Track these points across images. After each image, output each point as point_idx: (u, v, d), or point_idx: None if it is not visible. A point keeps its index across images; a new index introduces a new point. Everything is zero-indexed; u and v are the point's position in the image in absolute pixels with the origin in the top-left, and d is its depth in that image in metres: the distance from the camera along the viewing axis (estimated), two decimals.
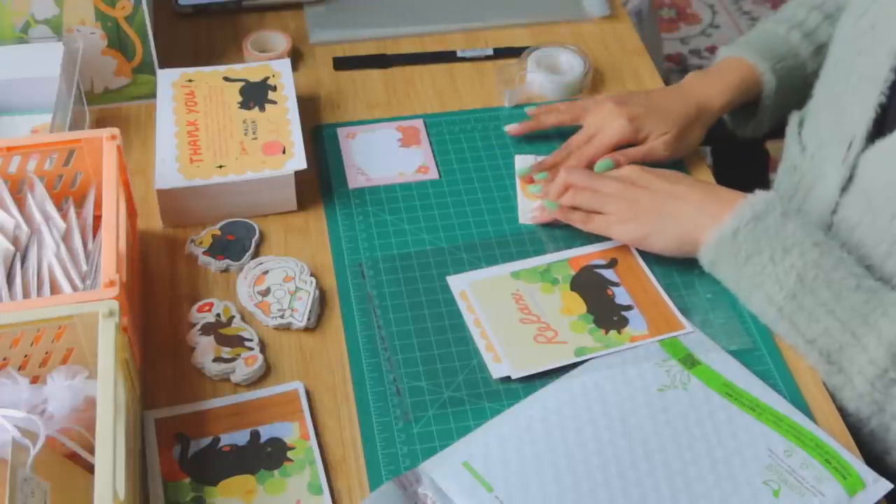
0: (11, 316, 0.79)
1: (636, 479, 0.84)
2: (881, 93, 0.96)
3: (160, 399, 0.91)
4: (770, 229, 0.94)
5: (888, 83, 0.95)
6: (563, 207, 1.04)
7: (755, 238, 0.94)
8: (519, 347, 0.94)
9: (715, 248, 0.96)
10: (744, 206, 0.95)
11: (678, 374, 0.91)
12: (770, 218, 0.94)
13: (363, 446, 0.88)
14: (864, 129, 0.97)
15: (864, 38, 0.99)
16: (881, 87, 0.95)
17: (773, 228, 0.94)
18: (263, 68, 1.17)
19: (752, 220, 0.94)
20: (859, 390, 0.90)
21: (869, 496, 0.83)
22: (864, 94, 0.97)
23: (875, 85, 0.96)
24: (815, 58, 1.16)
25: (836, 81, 1.04)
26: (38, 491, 0.72)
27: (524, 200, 1.09)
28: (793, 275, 0.92)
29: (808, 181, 1.06)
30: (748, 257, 0.94)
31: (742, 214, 0.95)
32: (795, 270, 0.92)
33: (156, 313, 0.98)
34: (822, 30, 1.16)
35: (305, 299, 0.98)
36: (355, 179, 1.12)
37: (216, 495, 0.84)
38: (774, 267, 0.93)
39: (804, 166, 1.08)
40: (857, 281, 0.91)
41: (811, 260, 0.92)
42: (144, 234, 1.05)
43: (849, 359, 0.90)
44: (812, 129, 1.09)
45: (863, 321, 0.89)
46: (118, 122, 1.17)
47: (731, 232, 0.95)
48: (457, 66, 1.28)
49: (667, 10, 2.81)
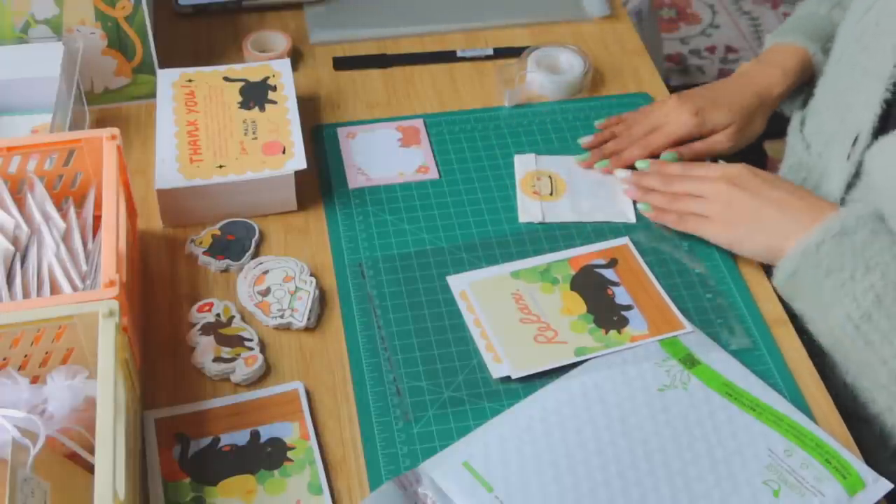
0: (11, 316, 0.79)
1: (636, 479, 0.84)
2: (886, 89, 0.96)
3: (160, 399, 0.91)
4: (856, 245, 0.92)
5: (893, 79, 0.95)
6: (658, 209, 1.05)
7: (839, 253, 0.92)
8: (519, 347, 0.94)
9: (798, 259, 0.94)
10: (833, 219, 0.93)
11: (678, 374, 0.91)
12: (858, 234, 0.92)
13: (363, 446, 0.88)
14: (870, 125, 0.97)
15: (868, 35, 0.99)
16: (886, 83, 0.96)
17: (859, 245, 0.92)
18: (263, 68, 1.17)
19: (839, 234, 0.92)
20: None
21: (869, 496, 0.83)
22: (869, 91, 0.97)
23: (880, 81, 0.96)
24: None
25: (840, 78, 1.04)
26: (38, 491, 0.72)
27: (524, 199, 1.10)
28: (871, 294, 0.90)
29: (815, 178, 1.06)
30: (829, 272, 0.92)
31: (830, 227, 0.93)
32: (874, 291, 0.90)
33: (156, 313, 0.98)
34: None
35: (305, 299, 0.98)
36: (355, 179, 1.12)
37: (216, 495, 0.84)
38: (854, 285, 0.91)
39: (809, 163, 1.08)
40: None
41: (892, 281, 0.90)
42: (144, 234, 1.05)
43: None
44: (816, 126, 1.09)
45: None
46: (118, 122, 1.17)
47: (815, 244, 0.93)
48: (457, 66, 1.28)
49: (667, 10, 2.81)
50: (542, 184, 1.11)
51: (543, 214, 1.08)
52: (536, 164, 1.13)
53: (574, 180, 1.12)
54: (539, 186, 1.11)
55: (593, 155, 1.13)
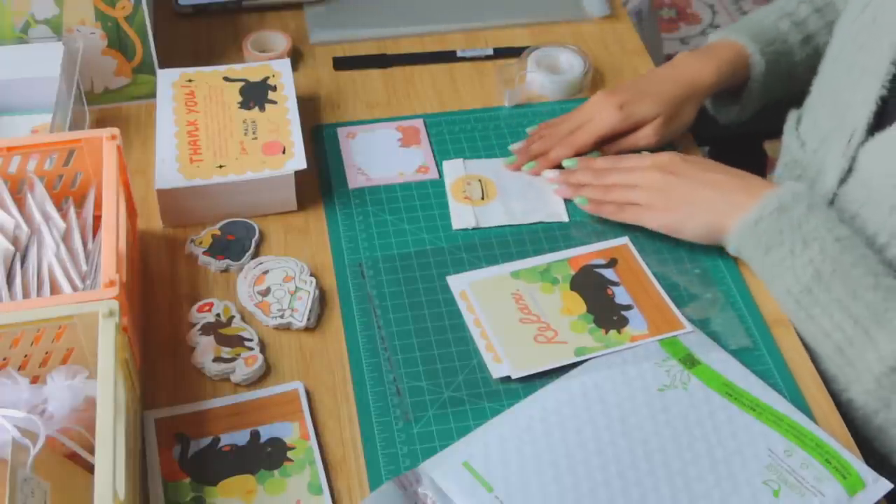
0: (11, 316, 0.79)
1: (636, 479, 0.84)
2: (882, 85, 0.96)
3: (160, 399, 0.91)
4: (794, 221, 0.94)
5: (889, 76, 0.96)
6: (594, 201, 1.06)
7: (777, 229, 0.95)
8: (519, 347, 0.94)
9: (738, 236, 0.97)
10: (770, 196, 0.96)
11: (678, 374, 0.91)
12: (795, 210, 0.94)
13: (363, 446, 0.88)
14: (865, 121, 0.97)
15: (865, 32, 1.00)
16: (882, 80, 0.96)
17: (796, 221, 0.94)
18: (263, 68, 1.17)
19: (776, 210, 0.95)
20: (867, 386, 0.90)
21: (869, 496, 0.83)
22: (866, 87, 0.97)
23: (876, 77, 0.96)
24: (804, 47, 1.17)
25: (836, 76, 1.05)
26: (38, 491, 0.72)
27: (456, 206, 1.09)
28: (810, 269, 0.93)
29: (810, 175, 1.07)
30: (769, 248, 0.95)
31: (767, 204, 0.95)
32: (813, 265, 0.92)
33: (156, 313, 0.98)
34: (811, 21, 1.17)
35: (305, 299, 0.98)
36: (355, 179, 1.12)
37: (216, 495, 0.84)
38: (794, 259, 0.94)
39: (805, 161, 1.08)
40: (876, 279, 0.91)
41: (831, 255, 0.92)
42: (144, 234, 1.05)
43: (859, 354, 0.90)
44: (811, 124, 1.09)
45: (876, 319, 0.90)
46: (118, 122, 1.17)
47: (753, 221, 0.96)
48: (457, 66, 1.28)
49: (667, 10, 2.81)
50: (473, 188, 1.10)
51: (477, 220, 1.07)
52: (465, 169, 1.13)
53: (504, 183, 1.11)
54: (469, 191, 1.10)
55: (520, 157, 1.13)
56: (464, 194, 1.10)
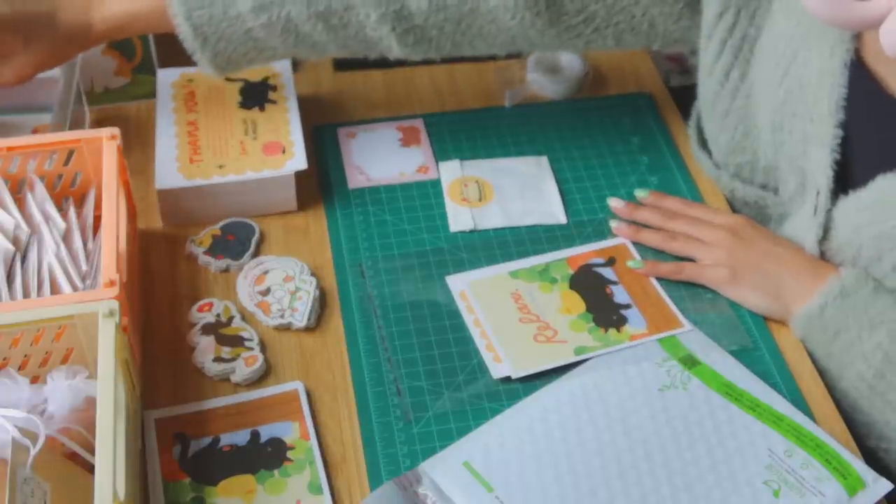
0: (11, 316, 0.79)
1: (636, 480, 0.84)
2: (832, 150, 0.92)
3: (160, 399, 0.91)
4: (858, 305, 0.91)
5: (838, 139, 0.92)
6: (651, 262, 1.02)
7: (843, 314, 0.92)
8: (519, 347, 0.94)
9: (804, 324, 0.94)
10: (833, 281, 0.93)
11: (678, 374, 0.91)
12: (860, 294, 0.91)
13: (363, 446, 0.88)
14: (826, 189, 0.94)
15: (794, 100, 0.95)
16: (831, 146, 0.92)
17: (861, 304, 0.91)
18: (263, 68, 1.17)
19: (839, 295, 0.92)
20: None
21: (869, 496, 0.83)
22: (817, 157, 0.94)
23: (824, 145, 0.93)
24: None
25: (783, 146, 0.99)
26: (38, 491, 0.72)
27: (454, 207, 1.08)
28: (879, 353, 0.90)
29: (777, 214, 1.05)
30: (836, 333, 0.92)
31: (830, 290, 0.92)
32: (882, 349, 0.89)
33: (156, 313, 0.98)
34: None
35: (305, 299, 0.98)
36: (355, 179, 1.12)
37: (216, 495, 0.84)
38: (862, 345, 0.91)
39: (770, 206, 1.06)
40: None
41: None
42: (144, 234, 1.05)
43: None
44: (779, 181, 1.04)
45: None
46: (118, 122, 1.17)
47: (818, 308, 0.93)
48: (457, 66, 1.28)
49: None
50: (470, 190, 1.10)
51: (475, 222, 1.07)
52: (462, 171, 1.13)
53: (501, 183, 1.11)
54: (467, 193, 1.10)
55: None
56: (461, 196, 1.10)
